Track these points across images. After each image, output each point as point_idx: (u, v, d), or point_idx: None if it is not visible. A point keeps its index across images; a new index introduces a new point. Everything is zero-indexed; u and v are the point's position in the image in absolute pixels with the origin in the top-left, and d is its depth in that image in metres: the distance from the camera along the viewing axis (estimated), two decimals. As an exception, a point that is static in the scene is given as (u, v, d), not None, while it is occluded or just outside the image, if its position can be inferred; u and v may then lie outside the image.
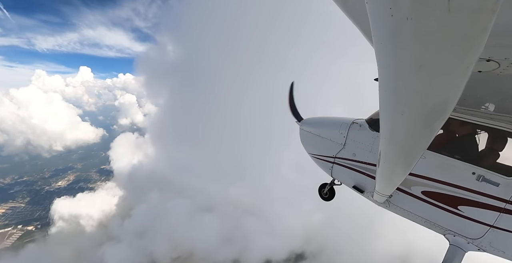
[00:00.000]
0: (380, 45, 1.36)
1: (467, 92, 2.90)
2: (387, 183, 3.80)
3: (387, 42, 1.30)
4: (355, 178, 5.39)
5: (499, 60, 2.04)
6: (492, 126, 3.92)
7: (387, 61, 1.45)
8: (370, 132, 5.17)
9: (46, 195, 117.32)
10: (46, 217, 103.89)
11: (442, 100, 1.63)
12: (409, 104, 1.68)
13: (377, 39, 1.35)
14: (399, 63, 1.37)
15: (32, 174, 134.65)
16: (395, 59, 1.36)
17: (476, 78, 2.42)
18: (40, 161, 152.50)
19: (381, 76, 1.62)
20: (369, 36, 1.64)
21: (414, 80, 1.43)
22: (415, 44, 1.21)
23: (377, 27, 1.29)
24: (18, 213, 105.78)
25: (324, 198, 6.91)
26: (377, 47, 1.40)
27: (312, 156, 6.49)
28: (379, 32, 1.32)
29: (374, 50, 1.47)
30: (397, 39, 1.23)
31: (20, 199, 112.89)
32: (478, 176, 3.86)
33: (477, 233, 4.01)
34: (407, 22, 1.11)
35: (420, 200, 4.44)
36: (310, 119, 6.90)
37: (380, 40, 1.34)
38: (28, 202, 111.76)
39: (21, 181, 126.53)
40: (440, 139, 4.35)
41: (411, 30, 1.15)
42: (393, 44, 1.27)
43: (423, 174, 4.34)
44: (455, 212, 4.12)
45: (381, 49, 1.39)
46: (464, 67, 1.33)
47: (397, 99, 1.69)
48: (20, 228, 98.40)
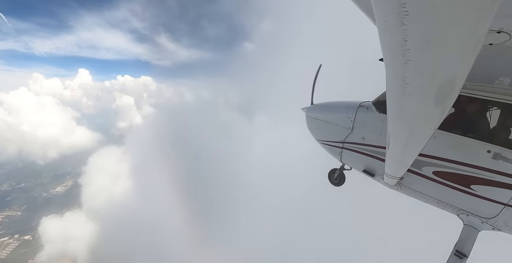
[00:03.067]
0: (383, 23, 1.36)
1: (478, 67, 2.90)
2: (397, 165, 3.87)
3: (391, 19, 1.28)
4: (365, 161, 5.49)
5: (510, 32, 2.03)
6: (505, 101, 3.91)
7: (392, 40, 1.44)
8: (378, 114, 5.21)
9: (43, 201, 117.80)
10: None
11: (452, 77, 1.64)
12: (417, 83, 1.69)
13: (380, 17, 1.35)
14: (404, 41, 1.36)
15: (30, 179, 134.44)
16: (400, 36, 1.34)
17: (486, 51, 2.41)
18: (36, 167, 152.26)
19: (386, 56, 1.62)
20: (371, 15, 1.64)
21: (421, 57, 1.44)
22: (421, 18, 1.18)
23: (380, 4, 1.27)
24: (14, 221, 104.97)
25: (335, 183, 7.07)
26: (381, 25, 1.39)
27: (320, 142, 6.57)
28: (382, 9, 1.30)
29: (378, 29, 1.47)
30: (401, 15, 1.19)
31: (16, 207, 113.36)
32: (494, 154, 3.89)
33: (492, 212, 4.10)
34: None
35: (432, 181, 4.53)
36: (316, 105, 6.92)
37: (383, 17, 1.33)
38: (25, 210, 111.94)
39: (18, 187, 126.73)
40: (451, 117, 4.36)
41: (416, 4, 1.11)
42: (397, 20, 1.24)
43: (434, 154, 4.41)
44: (468, 192, 4.21)
45: (384, 27, 1.38)
46: (474, 40, 1.33)
47: (405, 78, 1.69)
48: (17, 237, 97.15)
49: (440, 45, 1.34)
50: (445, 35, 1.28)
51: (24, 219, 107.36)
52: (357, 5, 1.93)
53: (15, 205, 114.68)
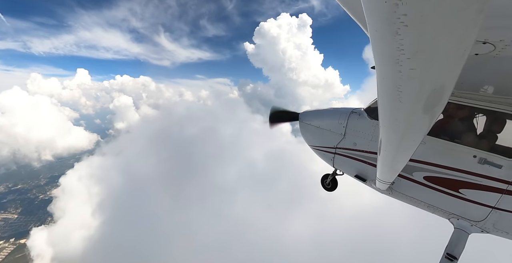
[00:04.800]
0: (375, 32, 1.38)
1: (465, 76, 2.96)
2: (388, 170, 3.89)
3: (382, 29, 1.30)
4: (357, 167, 5.50)
5: (494, 42, 2.08)
6: (490, 108, 4.00)
7: (383, 49, 1.47)
8: (369, 120, 5.26)
9: (40, 204, 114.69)
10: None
11: (440, 85, 1.67)
12: (407, 91, 1.71)
13: (372, 27, 1.37)
14: (395, 50, 1.38)
15: (27, 181, 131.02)
16: (390, 46, 1.37)
17: (473, 61, 2.47)
18: (33, 168, 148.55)
19: (378, 64, 1.64)
20: (364, 24, 1.66)
21: (411, 66, 1.46)
22: (410, 29, 1.21)
23: (371, 14, 1.29)
24: (10, 224, 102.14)
25: (327, 189, 7.06)
26: (372, 34, 1.41)
27: (313, 147, 6.57)
28: (373, 20, 1.31)
29: (370, 38, 1.49)
30: (391, 25, 1.22)
31: (12, 210, 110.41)
32: (480, 159, 3.98)
33: (480, 215, 4.15)
34: (401, 7, 1.11)
35: (422, 186, 4.57)
36: (309, 111, 6.95)
37: (375, 27, 1.35)
38: (21, 212, 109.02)
39: (15, 189, 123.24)
40: (440, 123, 4.44)
41: (405, 15, 1.14)
42: (388, 30, 1.27)
43: (424, 160, 4.45)
44: (457, 196, 4.25)
45: (376, 36, 1.40)
46: (461, 50, 1.36)
47: (395, 86, 1.72)
48: (13, 241, 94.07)
49: (429, 54, 1.37)
50: (434, 46, 1.30)
51: (20, 222, 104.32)
52: (350, 14, 1.96)
53: (10, 207, 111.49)
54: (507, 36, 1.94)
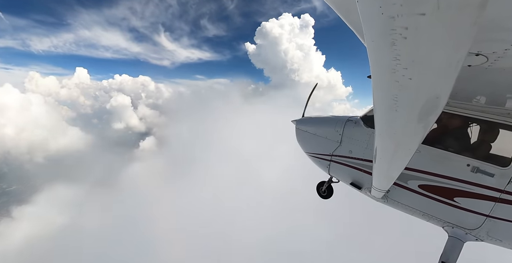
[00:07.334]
0: (372, 43, 1.41)
1: (458, 86, 2.99)
2: (384, 178, 3.88)
3: (378, 39, 1.33)
4: (352, 174, 5.48)
5: (487, 54, 2.11)
6: (483, 118, 4.04)
7: (379, 59, 1.50)
8: (365, 128, 5.27)
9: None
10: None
11: (435, 95, 1.68)
12: (403, 100, 1.73)
13: (368, 37, 1.39)
14: (390, 60, 1.41)
15: (22, 182, 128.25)
16: (386, 56, 1.40)
17: (466, 72, 2.50)
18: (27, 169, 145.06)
19: (374, 73, 1.67)
20: (361, 34, 1.69)
21: (406, 76, 1.48)
22: (406, 41, 1.24)
23: (368, 25, 1.32)
24: None
25: (323, 196, 7.00)
26: (369, 45, 1.44)
27: (309, 154, 6.56)
28: (370, 30, 1.34)
29: (366, 48, 1.51)
30: (388, 37, 1.25)
31: (5, 212, 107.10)
32: (473, 168, 3.98)
33: (475, 224, 4.13)
34: (397, 19, 1.14)
35: (417, 194, 4.55)
36: (306, 118, 6.98)
37: (371, 38, 1.38)
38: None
39: (9, 190, 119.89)
40: (434, 132, 4.46)
41: (401, 27, 1.17)
42: (384, 41, 1.30)
43: (419, 168, 4.45)
44: (452, 204, 4.24)
45: (373, 47, 1.43)
46: (455, 62, 1.38)
47: (390, 95, 1.74)
48: None
49: (424, 65, 1.39)
50: (429, 57, 1.33)
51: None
52: (347, 23, 1.99)
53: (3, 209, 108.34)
54: (499, 49, 1.96)
